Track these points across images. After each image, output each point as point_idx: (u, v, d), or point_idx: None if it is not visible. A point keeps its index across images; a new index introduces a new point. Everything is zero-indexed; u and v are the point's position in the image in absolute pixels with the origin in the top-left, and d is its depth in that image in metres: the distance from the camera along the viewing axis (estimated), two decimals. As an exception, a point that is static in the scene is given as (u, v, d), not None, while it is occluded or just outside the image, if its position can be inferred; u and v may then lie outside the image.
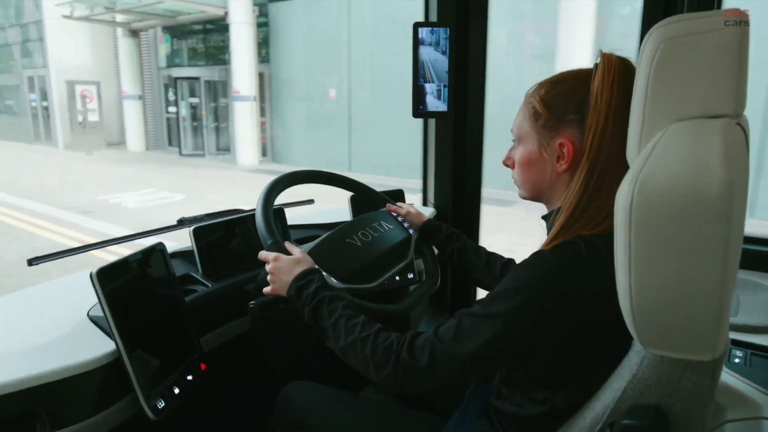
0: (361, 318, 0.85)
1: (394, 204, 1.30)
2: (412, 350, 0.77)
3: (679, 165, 0.56)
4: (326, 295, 0.89)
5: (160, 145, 15.42)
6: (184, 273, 1.26)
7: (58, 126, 15.70)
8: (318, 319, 0.88)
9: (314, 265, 0.97)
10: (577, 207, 0.77)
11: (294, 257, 0.97)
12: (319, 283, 0.91)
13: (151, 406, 0.92)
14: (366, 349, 0.80)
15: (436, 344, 0.76)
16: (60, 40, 15.30)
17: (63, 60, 15.37)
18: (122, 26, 14.37)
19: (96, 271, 0.89)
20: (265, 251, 1.00)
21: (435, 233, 1.25)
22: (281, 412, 1.11)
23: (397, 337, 0.80)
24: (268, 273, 0.97)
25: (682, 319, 0.59)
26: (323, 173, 1.21)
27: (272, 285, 0.97)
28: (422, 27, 1.57)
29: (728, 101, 0.60)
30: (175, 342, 1.04)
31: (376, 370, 0.79)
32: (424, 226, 1.26)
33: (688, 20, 0.60)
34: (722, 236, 0.54)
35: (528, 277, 0.73)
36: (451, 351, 0.74)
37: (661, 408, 0.66)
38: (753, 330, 1.13)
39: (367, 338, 0.81)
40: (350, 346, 0.82)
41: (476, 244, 1.26)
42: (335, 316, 0.86)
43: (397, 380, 0.77)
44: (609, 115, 0.75)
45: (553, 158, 0.83)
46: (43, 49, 15.68)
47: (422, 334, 0.79)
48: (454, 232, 1.26)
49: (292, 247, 1.00)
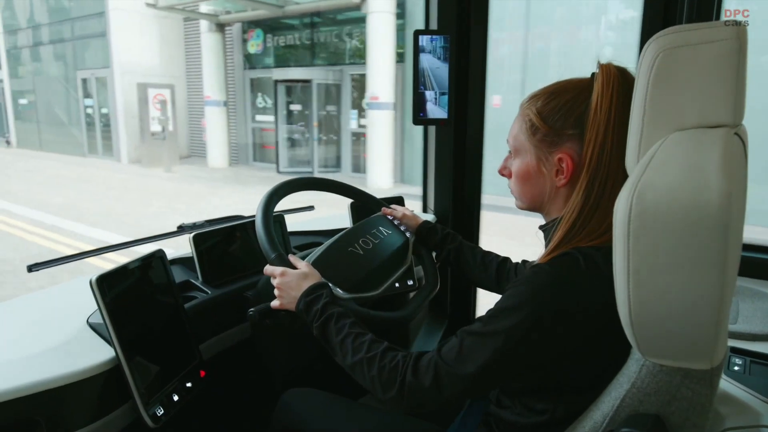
0: (368, 337, 0.85)
1: (389, 207, 1.31)
2: (416, 372, 0.77)
3: (677, 174, 0.57)
4: (334, 312, 0.89)
5: (242, 160, 12.98)
6: (184, 280, 1.26)
7: (122, 136, 13.21)
8: (326, 335, 0.88)
9: (321, 278, 0.97)
10: (578, 220, 0.77)
11: (301, 271, 0.97)
12: (328, 299, 0.92)
13: (150, 414, 0.92)
14: (372, 370, 0.80)
15: (440, 365, 0.76)
16: (126, 36, 12.73)
17: (129, 59, 12.91)
18: (209, 18, 11.82)
19: (95, 278, 0.89)
20: (270, 266, 0.99)
21: (431, 235, 1.26)
22: (280, 419, 1.10)
23: (403, 356, 0.80)
24: (276, 288, 0.97)
25: (681, 327, 0.59)
26: (319, 179, 1.21)
27: (280, 300, 0.97)
28: (422, 35, 1.58)
29: (727, 111, 0.60)
30: (174, 349, 1.04)
31: (382, 391, 0.80)
32: (420, 228, 1.27)
33: (687, 31, 0.61)
34: (721, 245, 0.55)
35: (526, 293, 0.73)
36: (455, 371, 0.75)
37: (660, 416, 0.66)
38: (752, 338, 1.13)
39: (373, 358, 0.81)
40: (357, 365, 0.83)
41: (472, 244, 1.26)
42: (343, 334, 0.86)
43: (403, 401, 0.78)
44: (609, 128, 0.74)
45: (551, 172, 0.82)
46: (106, 47, 13.00)
47: (426, 355, 0.79)
48: (449, 233, 1.27)
49: (297, 260, 0.99)
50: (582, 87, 0.80)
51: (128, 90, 12.62)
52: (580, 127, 0.78)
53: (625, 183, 0.61)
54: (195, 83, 13.62)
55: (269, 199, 1.07)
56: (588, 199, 0.77)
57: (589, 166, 0.76)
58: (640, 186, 0.58)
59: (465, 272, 1.23)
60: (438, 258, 1.27)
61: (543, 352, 0.73)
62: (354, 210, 1.50)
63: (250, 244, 1.38)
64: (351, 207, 1.50)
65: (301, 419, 1.06)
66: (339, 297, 0.99)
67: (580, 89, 0.80)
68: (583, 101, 0.78)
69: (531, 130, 0.83)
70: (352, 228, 1.18)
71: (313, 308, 0.91)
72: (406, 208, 1.32)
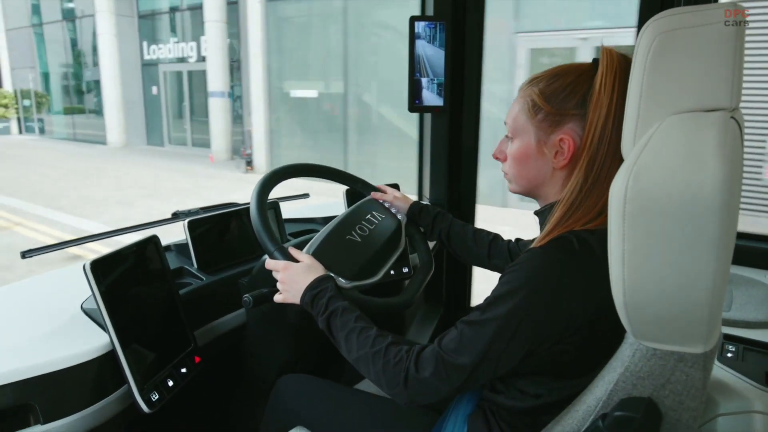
0: (373, 331, 0.85)
1: (377, 190, 1.30)
2: (419, 365, 0.78)
3: (673, 157, 0.56)
4: (339, 306, 0.89)
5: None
6: (179, 266, 1.26)
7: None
8: (331, 329, 0.89)
9: (325, 271, 0.97)
10: (575, 202, 0.77)
11: (304, 264, 0.96)
12: (332, 293, 0.92)
13: (145, 399, 0.92)
14: (377, 365, 0.81)
15: (441, 356, 0.76)
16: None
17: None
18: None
19: (90, 262, 0.88)
20: (272, 260, 0.99)
21: (422, 214, 1.27)
22: (276, 405, 1.11)
23: (406, 351, 0.81)
24: (279, 282, 0.97)
25: (675, 311, 0.59)
26: (309, 166, 1.20)
27: (284, 294, 0.96)
28: (418, 21, 1.57)
29: (724, 95, 0.60)
30: (169, 335, 1.03)
31: (387, 386, 0.80)
32: (411, 209, 1.27)
33: (685, 13, 0.60)
34: (716, 229, 0.55)
35: (522, 277, 0.73)
36: (457, 362, 0.75)
37: (654, 400, 0.66)
38: (746, 325, 1.13)
39: (378, 354, 0.81)
40: (362, 359, 0.83)
41: (463, 222, 1.27)
42: (348, 329, 0.86)
43: (408, 395, 0.78)
44: (611, 109, 0.75)
45: (551, 153, 0.82)
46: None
47: (428, 348, 0.80)
48: (440, 211, 1.27)
49: (298, 252, 0.99)
50: (584, 70, 0.80)
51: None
52: (583, 107, 0.78)
53: (622, 166, 0.61)
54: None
55: (262, 188, 1.06)
56: (586, 180, 0.77)
57: (590, 147, 0.77)
58: (636, 168, 0.58)
59: (457, 249, 1.25)
60: (430, 237, 1.28)
61: (540, 336, 0.73)
62: (349, 196, 1.49)
63: (245, 231, 1.37)
64: (346, 193, 1.50)
65: (296, 405, 1.07)
66: (342, 287, 0.99)
67: (583, 71, 0.80)
68: (586, 82, 0.79)
69: (533, 111, 0.83)
70: (346, 214, 1.18)
71: (319, 302, 0.91)
72: (395, 190, 1.32)
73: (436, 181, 1.84)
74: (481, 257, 1.22)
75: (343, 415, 1.02)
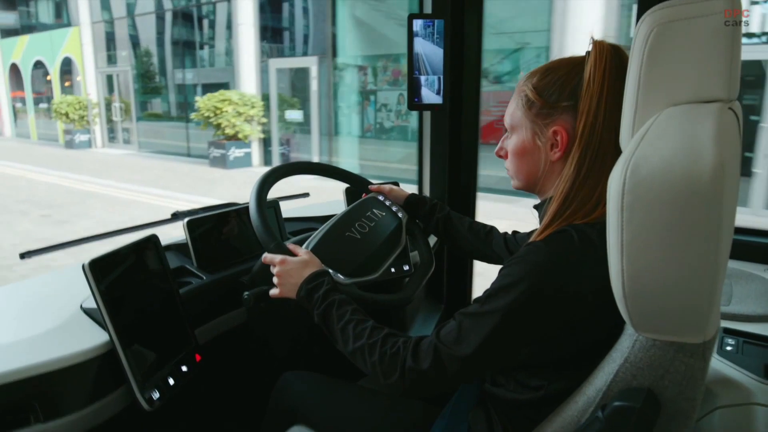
0: (369, 323, 0.85)
1: (374, 185, 1.31)
2: (416, 356, 0.78)
3: (671, 148, 0.56)
4: (335, 298, 0.89)
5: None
6: (179, 265, 1.26)
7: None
8: (327, 322, 0.88)
9: (322, 266, 0.97)
10: (569, 193, 0.77)
11: (301, 258, 0.97)
12: (329, 286, 0.92)
13: (146, 398, 0.92)
14: (374, 356, 0.81)
15: (439, 348, 0.76)
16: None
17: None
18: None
19: (89, 262, 0.88)
20: (269, 254, 0.99)
21: (419, 205, 1.27)
22: (277, 402, 1.11)
23: (403, 342, 0.81)
24: (275, 276, 0.97)
25: (674, 301, 0.59)
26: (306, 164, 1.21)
27: (280, 288, 0.96)
28: (417, 19, 1.57)
29: (721, 86, 0.60)
30: (169, 333, 1.03)
31: (384, 377, 0.80)
32: (408, 201, 1.28)
33: (683, 5, 0.60)
34: (714, 219, 0.55)
35: (521, 270, 0.74)
36: (455, 353, 0.75)
37: (653, 390, 0.66)
38: (745, 318, 1.14)
39: (374, 345, 0.81)
40: (358, 351, 0.83)
41: (459, 214, 1.27)
42: (344, 321, 0.86)
43: (405, 386, 0.78)
44: (601, 101, 0.76)
45: (546, 146, 0.83)
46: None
47: (426, 339, 0.80)
48: (437, 203, 1.28)
49: (296, 247, 0.99)
50: (576, 62, 0.81)
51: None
52: (574, 99, 0.79)
53: (619, 157, 0.61)
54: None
55: (261, 186, 1.07)
56: (580, 171, 0.77)
57: (582, 137, 0.77)
58: (634, 159, 0.58)
59: (453, 240, 1.25)
60: (427, 229, 1.28)
61: (539, 329, 0.73)
62: (349, 195, 1.50)
63: (245, 229, 1.37)
64: (346, 192, 1.50)
65: (298, 402, 1.07)
66: (340, 282, 0.99)
67: (575, 64, 0.81)
68: (577, 74, 0.80)
69: (527, 105, 0.84)
70: (347, 212, 1.18)
71: (315, 295, 0.91)
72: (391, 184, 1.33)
73: (436, 179, 1.84)
74: (478, 248, 1.22)
75: (344, 412, 1.02)
